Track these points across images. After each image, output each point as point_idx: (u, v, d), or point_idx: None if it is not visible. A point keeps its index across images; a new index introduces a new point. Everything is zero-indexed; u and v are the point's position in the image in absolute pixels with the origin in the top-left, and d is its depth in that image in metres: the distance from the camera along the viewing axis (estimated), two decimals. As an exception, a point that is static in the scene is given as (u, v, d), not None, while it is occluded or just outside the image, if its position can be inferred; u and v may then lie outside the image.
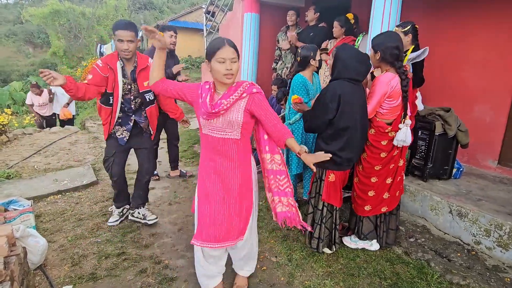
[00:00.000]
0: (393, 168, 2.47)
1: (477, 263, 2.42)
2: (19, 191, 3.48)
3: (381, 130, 2.36)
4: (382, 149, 2.40)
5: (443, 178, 3.22)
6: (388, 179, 2.47)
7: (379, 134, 2.38)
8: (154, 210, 3.27)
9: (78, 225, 2.92)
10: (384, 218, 2.58)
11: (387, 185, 2.48)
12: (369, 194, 2.49)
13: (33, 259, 2.23)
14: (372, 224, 2.58)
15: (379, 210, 2.52)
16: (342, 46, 2.41)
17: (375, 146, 2.40)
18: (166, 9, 28.07)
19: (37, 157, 4.86)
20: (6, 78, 20.84)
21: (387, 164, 2.43)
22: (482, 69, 3.56)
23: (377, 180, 2.46)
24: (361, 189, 2.53)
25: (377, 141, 2.40)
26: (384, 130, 2.36)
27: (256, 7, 5.33)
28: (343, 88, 2.23)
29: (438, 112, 3.14)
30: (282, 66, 5.03)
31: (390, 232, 2.62)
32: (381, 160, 2.42)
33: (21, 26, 26.96)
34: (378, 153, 2.41)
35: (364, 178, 2.49)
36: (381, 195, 2.49)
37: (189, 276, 2.31)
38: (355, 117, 2.27)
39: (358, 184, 2.55)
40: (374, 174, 2.45)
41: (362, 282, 2.28)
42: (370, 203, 2.51)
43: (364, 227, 2.58)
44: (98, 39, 19.25)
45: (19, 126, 7.68)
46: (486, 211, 2.54)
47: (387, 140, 2.40)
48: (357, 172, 2.55)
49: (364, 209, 2.53)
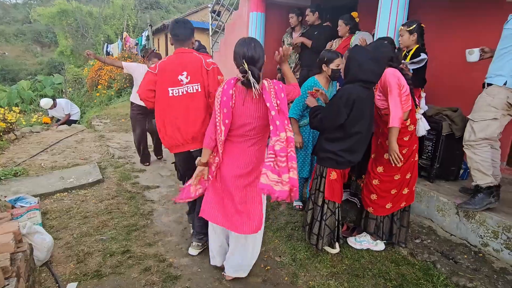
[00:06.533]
0: (413, 162, 2.50)
1: (484, 266, 2.39)
2: (26, 188, 3.51)
3: (402, 126, 2.34)
4: (405, 146, 2.43)
5: (450, 179, 3.18)
6: (408, 174, 2.49)
7: (401, 132, 2.37)
8: (159, 209, 3.29)
9: (83, 222, 2.94)
10: (400, 215, 2.58)
11: (407, 180, 2.51)
12: (391, 192, 2.50)
13: (39, 256, 2.25)
14: (389, 222, 2.59)
15: (399, 206, 2.54)
16: (355, 47, 2.40)
17: (398, 144, 2.38)
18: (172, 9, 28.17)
19: (44, 155, 4.91)
20: (14, 77, 21.11)
21: (408, 159, 2.46)
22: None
23: (400, 177, 2.48)
24: (383, 190, 2.51)
25: (400, 138, 2.39)
26: (405, 125, 2.38)
27: (262, 6, 5.33)
28: (358, 93, 2.21)
29: (445, 112, 3.11)
30: (287, 66, 5.01)
31: (402, 230, 2.61)
32: (403, 156, 2.41)
33: (30, 26, 27.30)
34: (401, 151, 2.40)
35: (387, 177, 2.49)
36: (401, 191, 2.51)
37: (193, 275, 2.31)
38: (365, 123, 2.28)
39: (380, 186, 2.52)
40: (397, 172, 2.47)
41: (366, 283, 2.26)
42: (390, 200, 2.52)
43: (385, 227, 2.58)
44: (105, 39, 19.41)
45: (27, 125, 7.77)
46: (494, 213, 2.51)
47: (409, 135, 2.43)
48: (377, 175, 2.52)
49: (385, 208, 2.53)
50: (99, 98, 11.34)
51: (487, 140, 2.46)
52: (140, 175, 4.17)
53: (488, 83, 2.47)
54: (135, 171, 4.31)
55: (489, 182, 2.50)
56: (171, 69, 2.32)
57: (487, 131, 2.43)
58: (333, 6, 5.11)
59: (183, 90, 2.32)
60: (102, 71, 12.08)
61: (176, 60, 2.34)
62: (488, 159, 2.48)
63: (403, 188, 2.50)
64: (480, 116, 2.45)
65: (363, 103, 2.23)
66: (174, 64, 2.33)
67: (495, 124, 2.42)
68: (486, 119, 2.42)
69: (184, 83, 2.31)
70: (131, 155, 4.96)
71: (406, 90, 2.34)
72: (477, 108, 2.50)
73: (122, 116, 7.94)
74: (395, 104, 2.26)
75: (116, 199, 3.44)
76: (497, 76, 2.39)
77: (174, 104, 2.33)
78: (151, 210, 3.25)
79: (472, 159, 2.52)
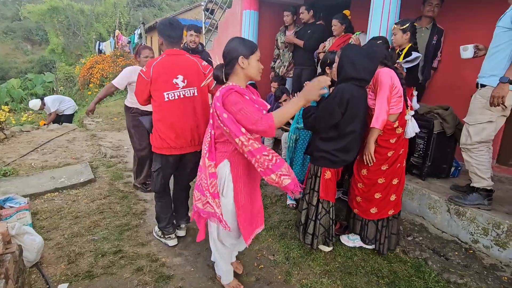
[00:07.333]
0: (399, 168, 2.44)
1: (475, 262, 2.42)
2: (15, 188, 3.46)
3: (388, 128, 2.34)
4: (390, 148, 2.38)
5: (441, 177, 3.21)
6: (394, 180, 2.43)
7: (387, 133, 2.36)
8: (152, 208, 3.26)
9: (75, 222, 2.91)
10: (387, 223, 2.50)
11: (394, 186, 2.43)
12: (375, 196, 2.43)
13: (29, 257, 2.22)
14: (374, 227, 2.53)
15: (386, 213, 2.46)
16: (348, 45, 2.40)
17: (383, 146, 2.37)
18: (165, 7, 27.94)
19: (34, 154, 4.83)
20: (4, 75, 20.77)
21: (394, 163, 2.40)
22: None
23: (385, 181, 2.41)
24: (366, 192, 2.47)
25: (385, 140, 2.37)
26: (392, 127, 2.35)
27: (255, 5, 5.31)
28: (351, 92, 2.20)
29: (436, 110, 3.13)
30: (280, 64, 5.02)
31: (392, 237, 2.55)
32: (387, 160, 2.39)
33: (19, 23, 26.83)
34: (385, 152, 2.38)
35: (370, 181, 2.44)
36: (388, 197, 2.44)
37: (186, 274, 2.30)
38: (359, 122, 2.28)
39: (363, 189, 2.48)
40: (381, 175, 2.41)
41: (359, 280, 2.28)
42: (376, 205, 2.45)
43: (369, 231, 2.53)
44: (96, 37, 19.19)
45: (17, 124, 7.65)
46: (484, 210, 2.54)
47: (396, 138, 2.38)
48: (361, 178, 2.48)
49: (370, 212, 2.47)
50: (91, 97, 11.23)
51: (484, 143, 2.44)
52: (132, 175, 4.13)
53: (481, 84, 2.43)
54: (127, 170, 4.27)
55: (485, 185, 2.51)
56: (165, 73, 2.26)
57: (483, 134, 2.41)
58: (326, 4, 5.11)
59: (179, 93, 2.29)
60: (94, 69, 11.96)
61: (169, 63, 2.29)
62: (485, 163, 2.46)
63: (390, 194, 2.43)
64: (476, 120, 2.43)
65: (357, 102, 2.23)
66: (168, 67, 2.28)
67: (491, 127, 2.40)
68: (482, 122, 2.40)
69: (180, 87, 2.29)
70: (124, 154, 4.92)
71: (398, 92, 2.32)
72: (472, 111, 2.47)
73: (115, 115, 7.86)
74: (381, 105, 2.27)
75: (108, 199, 3.40)
76: (490, 76, 2.35)
77: (170, 108, 2.29)
78: (143, 210, 3.23)
79: (469, 162, 2.51)
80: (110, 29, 19.76)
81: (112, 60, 11.91)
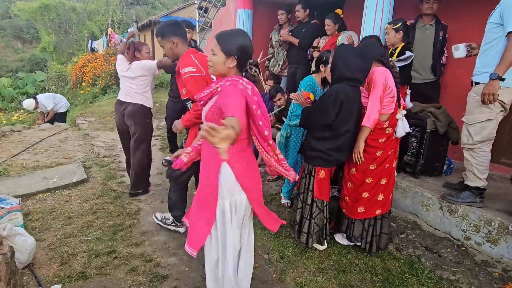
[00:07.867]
0: (388, 168, 2.45)
1: (467, 259, 2.45)
2: (7, 189, 3.41)
3: (378, 127, 2.35)
4: (379, 148, 2.38)
5: (434, 175, 3.24)
6: (382, 180, 2.44)
7: (376, 132, 2.37)
8: (146, 208, 3.24)
9: (67, 223, 2.88)
10: (374, 222, 2.50)
11: (382, 186, 2.44)
12: (363, 195, 2.44)
13: (21, 258, 2.19)
14: (361, 227, 2.53)
15: (373, 213, 2.46)
16: (341, 45, 2.41)
17: (372, 145, 2.38)
18: (158, 5, 27.74)
19: (26, 154, 4.77)
20: (-6, 74, 20.41)
21: (382, 163, 2.41)
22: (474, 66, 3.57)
23: (372, 180, 2.42)
24: (354, 191, 2.48)
25: (374, 139, 2.38)
26: (382, 126, 2.36)
27: (249, 3, 5.30)
28: (345, 92, 2.21)
29: (429, 109, 3.16)
30: (274, 63, 5.02)
31: (383, 236, 2.55)
32: (375, 159, 2.40)
33: (10, 21, 26.35)
34: (374, 152, 2.39)
35: (358, 180, 2.44)
36: (375, 197, 2.44)
37: (180, 274, 2.29)
38: (353, 122, 2.29)
39: (352, 188, 2.49)
40: (369, 175, 2.41)
41: (353, 278, 2.29)
42: (363, 204, 2.46)
43: (356, 230, 2.53)
44: (89, 35, 18.95)
45: (8, 123, 7.53)
46: (475, 207, 2.57)
47: (385, 138, 2.38)
48: (350, 177, 2.49)
49: (357, 211, 2.47)
50: (83, 96, 11.08)
51: (486, 142, 2.41)
52: (125, 174, 4.09)
53: (475, 82, 2.41)
54: (120, 170, 4.24)
55: (480, 185, 2.52)
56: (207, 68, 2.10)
57: (483, 133, 2.38)
58: (321, 3, 5.12)
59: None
60: (86, 68, 11.81)
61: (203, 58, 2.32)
62: (484, 163, 2.46)
63: (378, 193, 2.44)
64: (474, 119, 2.40)
65: (352, 102, 2.24)
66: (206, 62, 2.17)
67: (491, 125, 2.36)
68: (481, 121, 2.37)
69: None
70: (117, 154, 4.87)
71: (391, 92, 2.32)
72: (469, 110, 2.44)
73: (108, 114, 7.78)
74: (373, 104, 2.28)
75: (101, 199, 3.37)
76: (483, 73, 2.32)
77: None
78: (137, 210, 3.20)
79: (469, 161, 2.50)
80: (103, 27, 19.52)
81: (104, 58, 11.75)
